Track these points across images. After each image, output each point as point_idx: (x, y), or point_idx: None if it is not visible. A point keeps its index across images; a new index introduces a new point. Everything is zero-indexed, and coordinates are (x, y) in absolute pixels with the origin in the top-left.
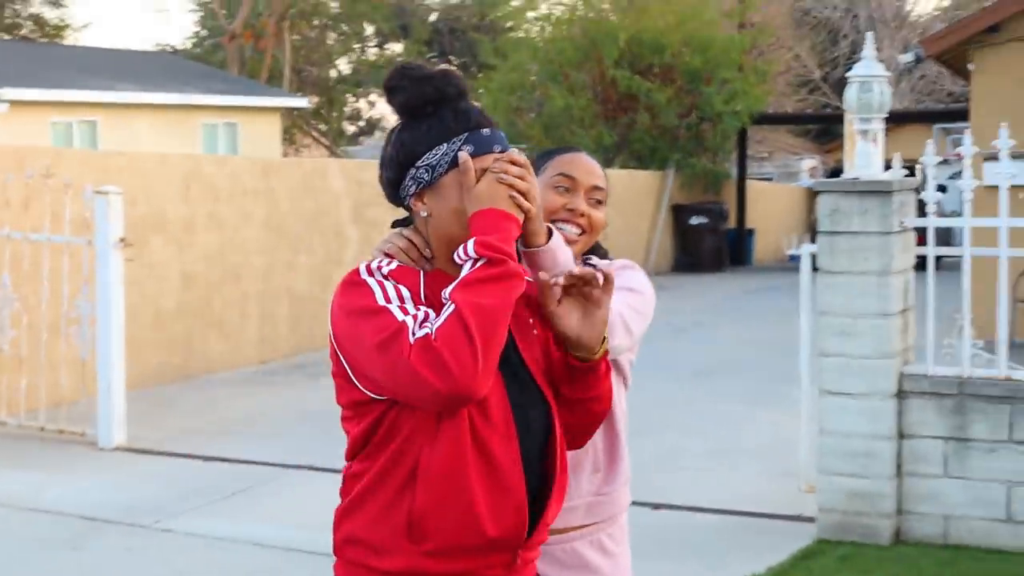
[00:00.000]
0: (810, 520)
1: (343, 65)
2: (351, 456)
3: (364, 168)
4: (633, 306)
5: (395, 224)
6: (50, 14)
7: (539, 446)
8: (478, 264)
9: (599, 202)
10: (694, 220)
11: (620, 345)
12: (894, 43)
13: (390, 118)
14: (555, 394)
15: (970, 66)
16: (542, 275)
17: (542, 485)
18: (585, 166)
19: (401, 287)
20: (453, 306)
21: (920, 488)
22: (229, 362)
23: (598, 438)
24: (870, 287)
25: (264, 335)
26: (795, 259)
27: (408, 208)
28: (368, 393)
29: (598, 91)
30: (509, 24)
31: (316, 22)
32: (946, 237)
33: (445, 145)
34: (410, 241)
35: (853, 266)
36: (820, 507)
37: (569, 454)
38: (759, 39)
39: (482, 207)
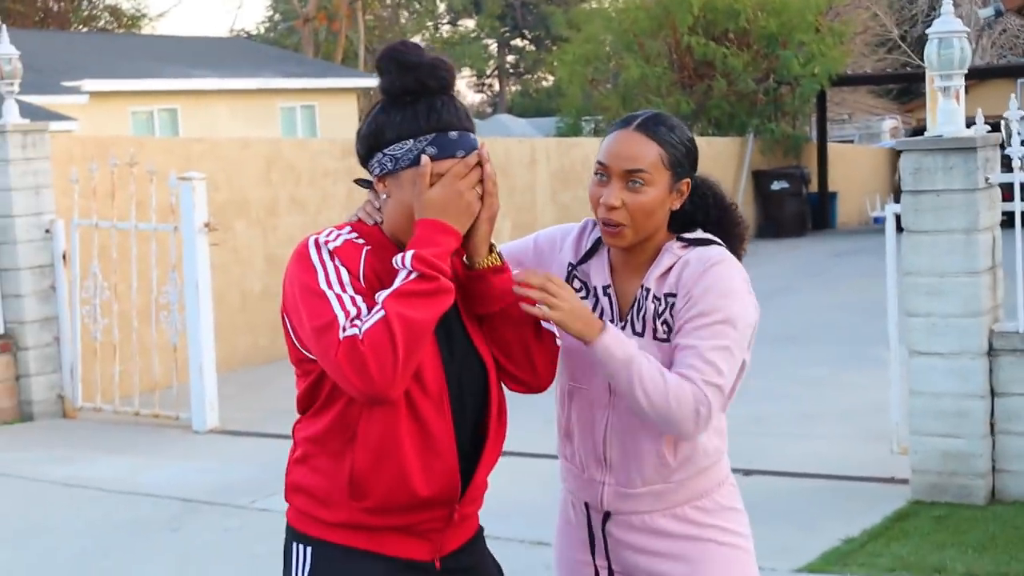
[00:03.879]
0: (903, 482)
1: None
2: (301, 410)
3: None
4: (720, 346)
5: (356, 181)
6: (126, 4)
7: (475, 408)
8: (412, 277)
9: (641, 184)
10: (775, 185)
11: (715, 400)
12: None
13: (465, 92)
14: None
15: None
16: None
17: (476, 446)
18: (616, 150)
19: (343, 269)
20: (383, 312)
21: (1014, 446)
22: None
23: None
24: (956, 245)
25: None
26: (879, 221)
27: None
28: (307, 353)
29: (673, 59)
30: None
31: (389, 1)
32: None
33: (412, 141)
34: (374, 206)
35: (939, 224)
36: (913, 468)
37: (630, 446)
38: (835, 0)
39: (427, 215)
